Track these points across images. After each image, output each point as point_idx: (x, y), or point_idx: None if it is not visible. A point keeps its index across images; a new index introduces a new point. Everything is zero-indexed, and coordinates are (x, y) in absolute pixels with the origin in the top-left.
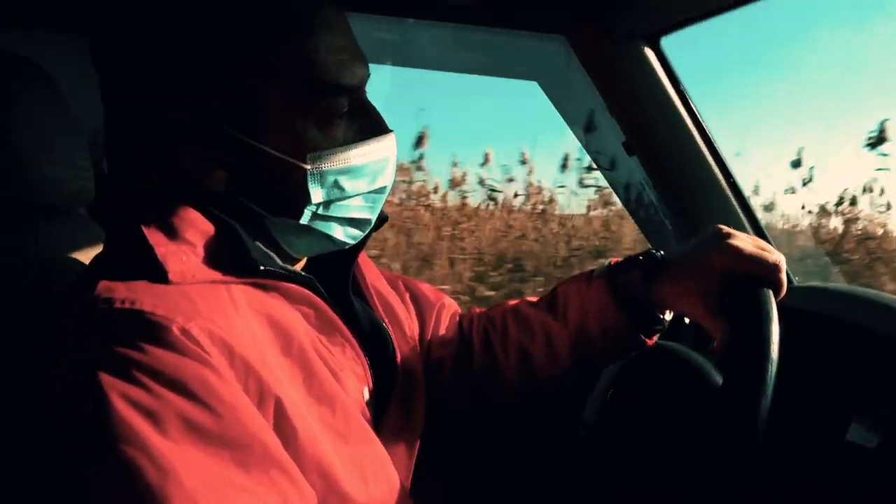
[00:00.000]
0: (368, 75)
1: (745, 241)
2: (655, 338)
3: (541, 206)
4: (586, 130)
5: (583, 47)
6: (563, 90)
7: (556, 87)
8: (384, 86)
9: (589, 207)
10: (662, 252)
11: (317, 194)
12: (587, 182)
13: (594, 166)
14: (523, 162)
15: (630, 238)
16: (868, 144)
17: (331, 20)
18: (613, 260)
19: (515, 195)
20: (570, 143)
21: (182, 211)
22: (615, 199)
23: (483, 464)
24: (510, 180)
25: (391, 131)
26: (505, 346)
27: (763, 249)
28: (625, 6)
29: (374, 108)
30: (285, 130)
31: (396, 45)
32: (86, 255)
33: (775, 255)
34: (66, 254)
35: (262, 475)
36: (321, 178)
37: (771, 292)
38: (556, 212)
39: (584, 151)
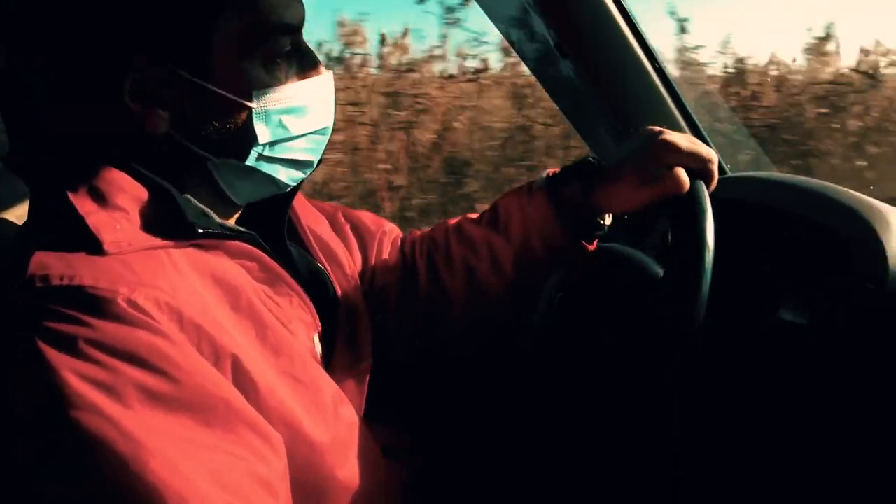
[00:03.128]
0: (305, 15)
1: (677, 136)
2: (596, 243)
3: None
4: (516, 33)
5: None
6: None
7: None
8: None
9: None
10: (599, 158)
11: (263, 134)
12: None
13: None
14: None
15: None
16: None
17: None
18: (551, 171)
19: None
20: None
21: (109, 174)
22: None
23: (433, 385)
24: None
25: (329, 70)
26: (450, 265)
27: (695, 143)
28: None
29: (310, 49)
30: (231, 70)
31: None
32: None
33: (708, 149)
34: None
35: (229, 432)
36: (266, 117)
37: (703, 184)
38: None
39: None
